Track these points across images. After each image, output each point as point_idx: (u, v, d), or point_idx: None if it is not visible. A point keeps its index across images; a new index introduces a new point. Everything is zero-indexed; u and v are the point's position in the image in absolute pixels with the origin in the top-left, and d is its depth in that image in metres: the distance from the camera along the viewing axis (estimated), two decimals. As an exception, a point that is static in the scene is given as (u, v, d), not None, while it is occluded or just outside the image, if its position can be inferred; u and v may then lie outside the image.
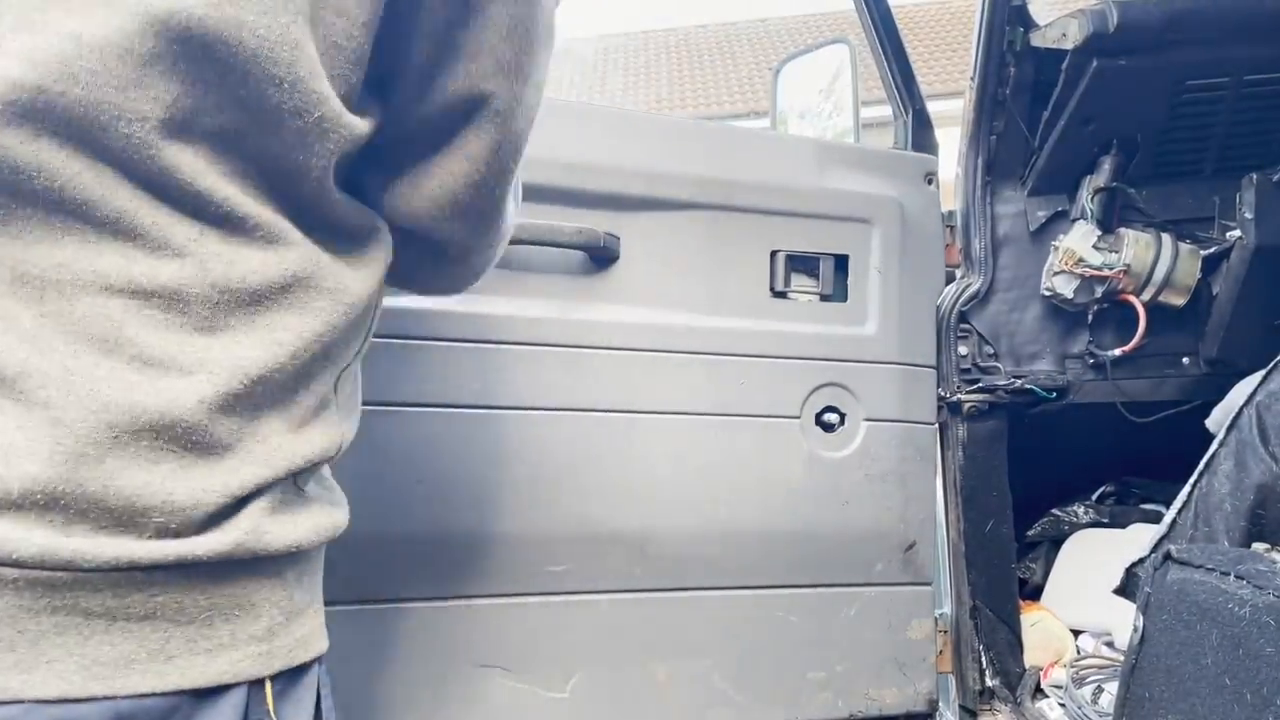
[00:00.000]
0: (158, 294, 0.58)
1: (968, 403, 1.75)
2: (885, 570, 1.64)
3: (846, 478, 1.61)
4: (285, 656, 0.64)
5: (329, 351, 0.67)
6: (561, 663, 1.44)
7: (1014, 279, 1.83)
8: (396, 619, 1.36)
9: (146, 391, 0.57)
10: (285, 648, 0.64)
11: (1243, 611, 0.97)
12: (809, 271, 1.62)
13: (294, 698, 0.66)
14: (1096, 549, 1.98)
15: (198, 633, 0.59)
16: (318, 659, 0.69)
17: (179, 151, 0.58)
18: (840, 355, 1.61)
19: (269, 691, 0.63)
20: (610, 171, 1.48)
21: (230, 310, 0.61)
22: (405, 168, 0.73)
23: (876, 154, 1.72)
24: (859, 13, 1.81)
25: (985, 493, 1.77)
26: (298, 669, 0.66)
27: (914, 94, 1.81)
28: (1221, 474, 1.29)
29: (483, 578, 1.40)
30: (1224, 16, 1.64)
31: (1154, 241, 1.77)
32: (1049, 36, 1.70)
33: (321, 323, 0.65)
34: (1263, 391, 1.30)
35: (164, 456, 0.58)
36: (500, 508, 1.40)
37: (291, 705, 0.65)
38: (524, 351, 1.42)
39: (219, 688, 0.60)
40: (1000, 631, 1.77)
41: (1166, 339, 1.84)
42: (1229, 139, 1.80)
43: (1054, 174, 1.82)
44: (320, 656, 0.70)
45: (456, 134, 0.71)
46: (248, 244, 0.61)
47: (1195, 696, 1.03)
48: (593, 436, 1.46)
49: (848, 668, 1.61)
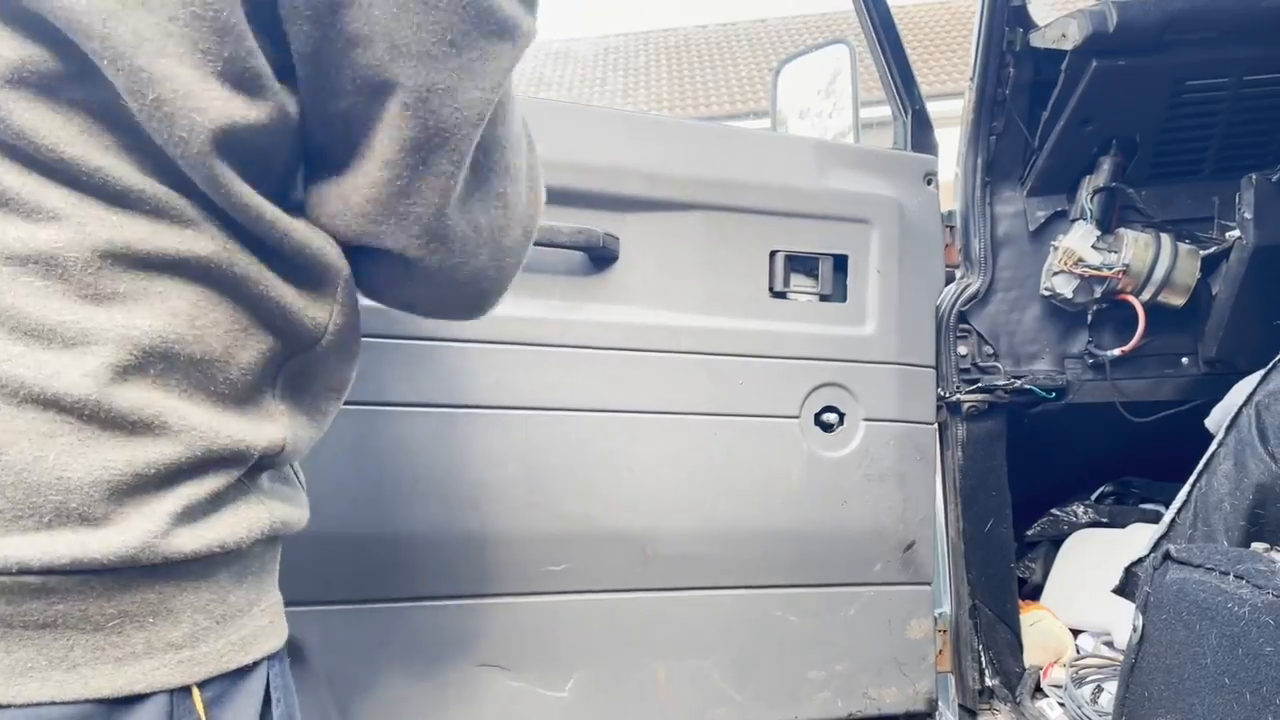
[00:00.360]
0: (34, 259, 0.55)
1: (967, 403, 1.75)
2: (884, 570, 1.64)
3: (846, 477, 1.61)
4: (216, 662, 0.61)
5: (250, 339, 0.63)
6: (561, 662, 1.45)
7: (1013, 279, 1.83)
8: (396, 619, 1.36)
9: (28, 365, 0.54)
10: (216, 653, 0.61)
11: (1242, 611, 0.98)
12: (808, 272, 1.62)
13: (234, 703, 0.62)
14: (1096, 549, 1.98)
15: (106, 640, 0.56)
16: (267, 658, 0.66)
17: (33, 116, 0.55)
18: (839, 355, 1.61)
19: (198, 699, 0.60)
20: (610, 172, 1.48)
21: (117, 276, 0.57)
22: (328, 173, 0.67)
23: (876, 154, 1.72)
24: (859, 13, 1.81)
25: (985, 492, 1.77)
26: (237, 672, 0.62)
27: (914, 94, 1.81)
28: (1221, 474, 1.29)
29: (482, 577, 1.40)
30: (1223, 17, 1.64)
31: (1153, 241, 1.77)
32: (1048, 37, 1.70)
33: (233, 306, 0.62)
34: (1262, 391, 1.30)
35: (59, 429, 0.55)
36: (500, 507, 1.40)
37: (231, 712, 0.62)
38: (524, 351, 1.42)
39: (132, 697, 0.57)
40: (1000, 631, 1.77)
41: (1166, 339, 1.84)
42: (1228, 139, 1.80)
43: (1053, 174, 1.82)
44: (271, 656, 0.66)
45: (365, 132, 0.64)
46: (135, 215, 0.58)
47: (1195, 696, 1.03)
48: (592, 436, 1.46)
49: (847, 667, 1.61)
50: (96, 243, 0.56)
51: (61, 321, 0.56)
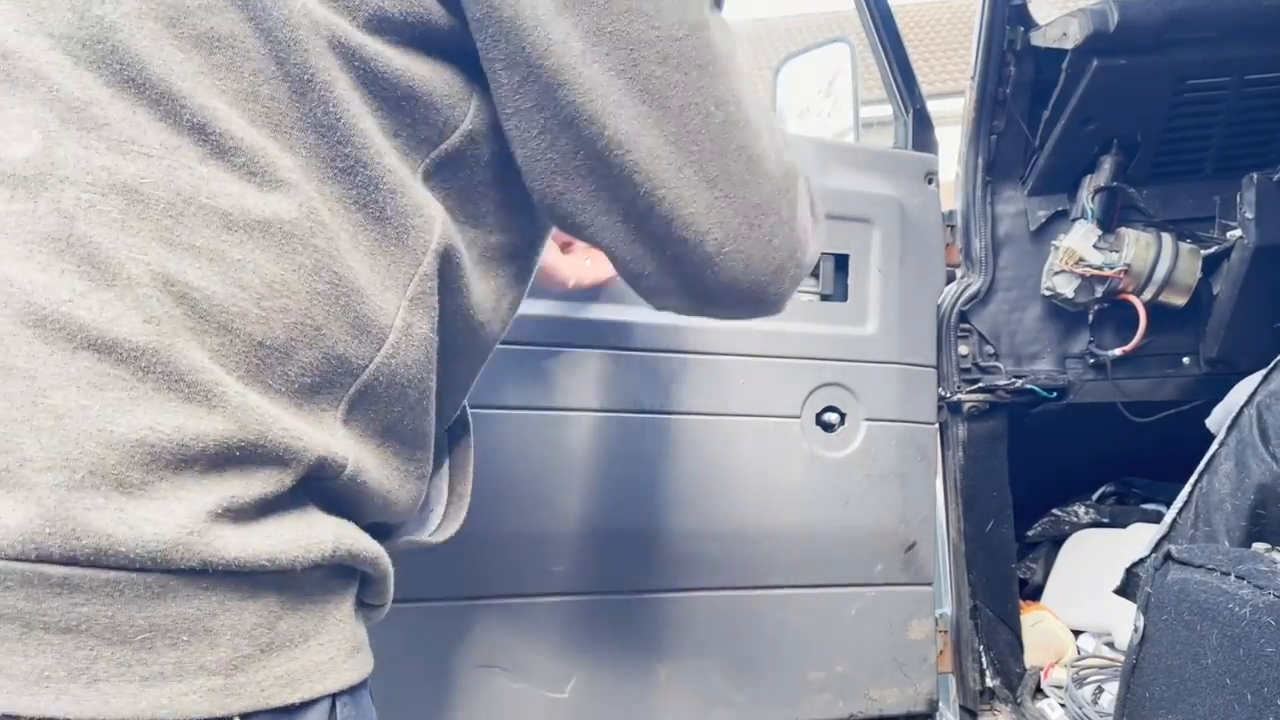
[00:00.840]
0: (117, 188, 0.53)
1: (968, 402, 1.74)
2: (885, 570, 1.64)
3: (846, 477, 1.61)
4: (255, 695, 0.54)
5: (319, 337, 0.58)
6: (561, 663, 1.44)
7: (1014, 279, 1.83)
8: (396, 619, 1.34)
9: (89, 305, 0.51)
10: (256, 685, 0.54)
11: (1243, 611, 0.97)
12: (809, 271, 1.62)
13: None
14: (1097, 549, 1.98)
15: (134, 655, 0.50)
16: (332, 697, 0.59)
17: (150, 45, 0.54)
18: (840, 355, 1.61)
19: None
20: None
21: (195, 227, 0.54)
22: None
23: (876, 154, 1.71)
24: (859, 12, 1.81)
25: (985, 492, 1.77)
26: (284, 710, 0.56)
27: (914, 94, 1.81)
28: (1222, 474, 1.29)
29: (482, 578, 1.40)
30: (1224, 16, 1.64)
31: (1154, 241, 1.76)
32: (1049, 36, 1.70)
33: (307, 294, 0.57)
34: (1263, 391, 1.30)
35: (111, 381, 0.51)
36: (500, 507, 1.40)
37: None
38: (524, 351, 1.42)
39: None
40: (1000, 631, 1.77)
41: (1167, 339, 1.84)
42: (1229, 139, 1.80)
43: (1054, 173, 1.81)
44: (340, 694, 0.60)
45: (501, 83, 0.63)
46: (227, 165, 0.55)
47: (1195, 696, 1.03)
48: (592, 437, 1.45)
49: (848, 668, 1.61)
50: (182, 186, 0.54)
51: (131, 258, 0.52)
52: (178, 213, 0.54)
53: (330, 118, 0.58)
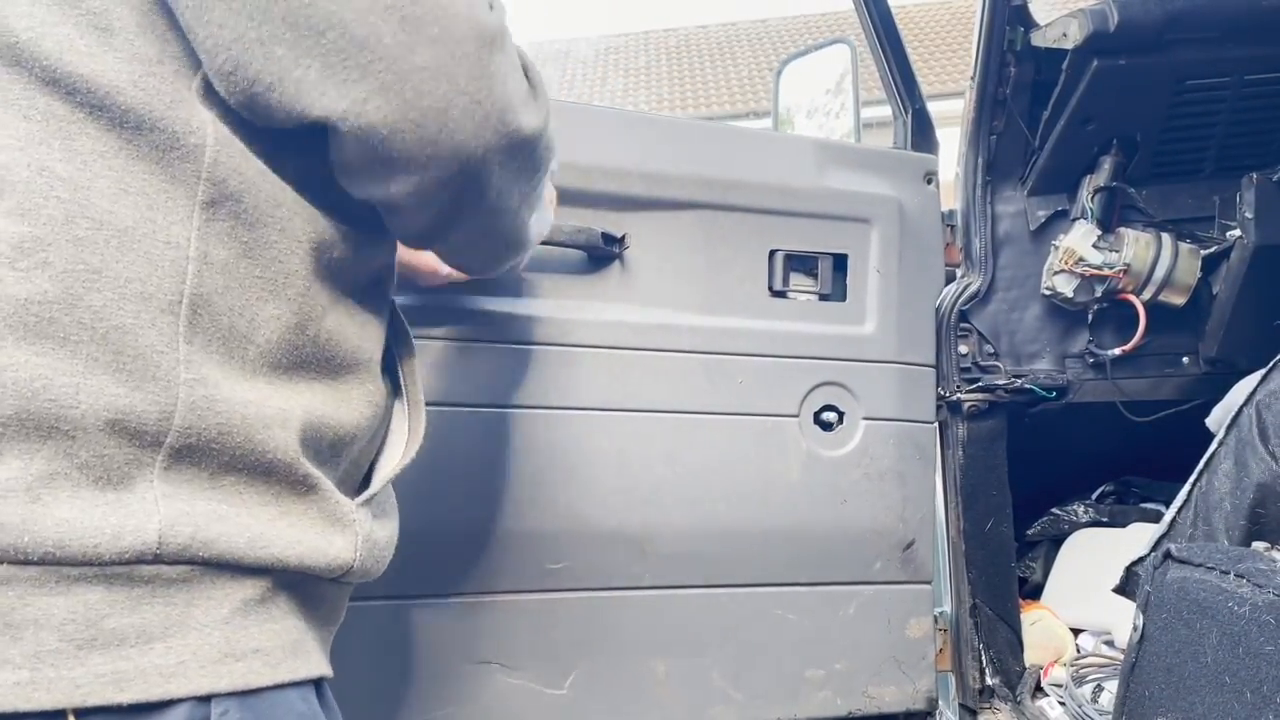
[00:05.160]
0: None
1: (968, 402, 1.75)
2: (884, 569, 1.64)
3: (845, 476, 1.61)
4: (67, 692, 0.53)
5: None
6: (560, 660, 1.45)
7: (1014, 278, 1.83)
8: (395, 616, 1.36)
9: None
10: (69, 681, 0.53)
11: (1242, 610, 0.98)
12: (808, 271, 1.62)
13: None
14: (1096, 548, 1.98)
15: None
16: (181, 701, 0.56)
17: None
18: (839, 354, 1.61)
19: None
20: (610, 172, 1.48)
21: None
22: None
23: (876, 154, 1.72)
24: (859, 13, 1.81)
25: (985, 492, 1.77)
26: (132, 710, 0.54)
27: (914, 94, 1.81)
28: (1221, 473, 1.29)
29: (482, 575, 1.40)
30: (1224, 16, 1.64)
31: (1154, 241, 1.77)
32: (1049, 36, 1.70)
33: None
34: (1262, 391, 1.30)
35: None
36: (499, 506, 1.40)
37: None
38: (523, 351, 1.42)
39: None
40: (1000, 630, 1.77)
41: (1166, 338, 1.84)
42: (1229, 139, 1.80)
43: (1054, 173, 1.82)
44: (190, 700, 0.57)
45: None
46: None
47: (1195, 695, 1.03)
48: (592, 435, 1.46)
49: (847, 666, 1.61)
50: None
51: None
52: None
53: None
